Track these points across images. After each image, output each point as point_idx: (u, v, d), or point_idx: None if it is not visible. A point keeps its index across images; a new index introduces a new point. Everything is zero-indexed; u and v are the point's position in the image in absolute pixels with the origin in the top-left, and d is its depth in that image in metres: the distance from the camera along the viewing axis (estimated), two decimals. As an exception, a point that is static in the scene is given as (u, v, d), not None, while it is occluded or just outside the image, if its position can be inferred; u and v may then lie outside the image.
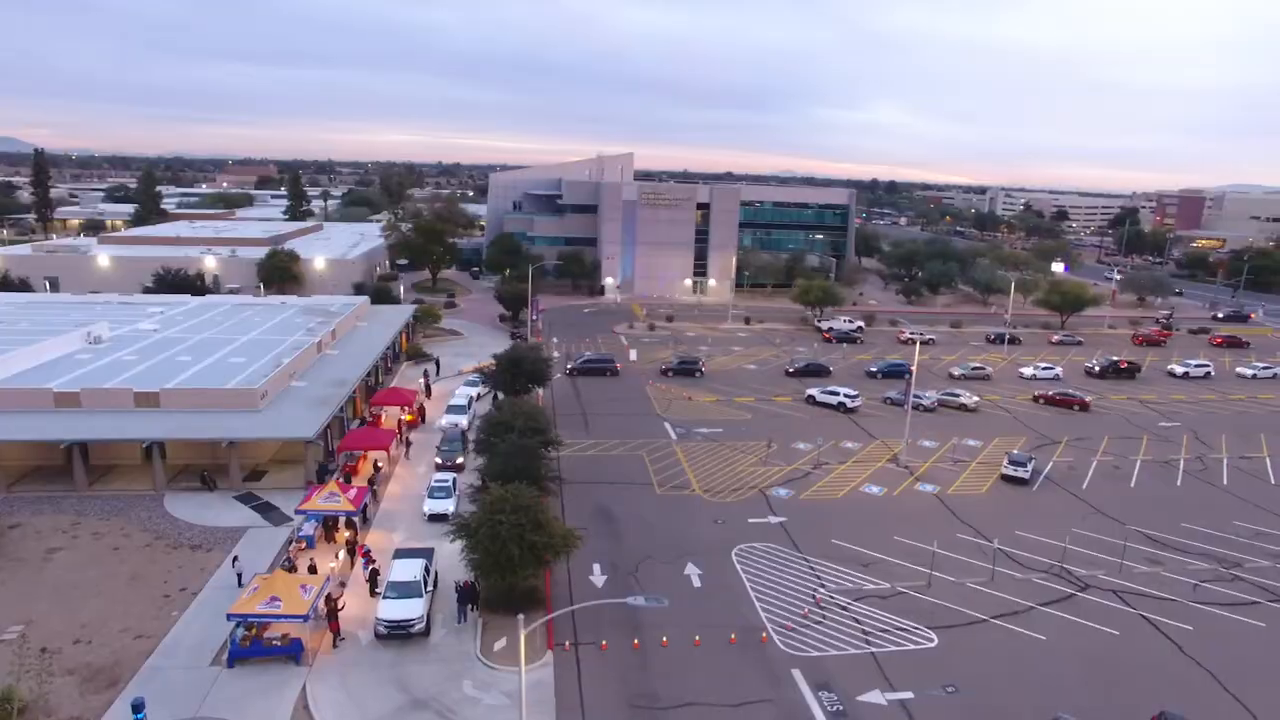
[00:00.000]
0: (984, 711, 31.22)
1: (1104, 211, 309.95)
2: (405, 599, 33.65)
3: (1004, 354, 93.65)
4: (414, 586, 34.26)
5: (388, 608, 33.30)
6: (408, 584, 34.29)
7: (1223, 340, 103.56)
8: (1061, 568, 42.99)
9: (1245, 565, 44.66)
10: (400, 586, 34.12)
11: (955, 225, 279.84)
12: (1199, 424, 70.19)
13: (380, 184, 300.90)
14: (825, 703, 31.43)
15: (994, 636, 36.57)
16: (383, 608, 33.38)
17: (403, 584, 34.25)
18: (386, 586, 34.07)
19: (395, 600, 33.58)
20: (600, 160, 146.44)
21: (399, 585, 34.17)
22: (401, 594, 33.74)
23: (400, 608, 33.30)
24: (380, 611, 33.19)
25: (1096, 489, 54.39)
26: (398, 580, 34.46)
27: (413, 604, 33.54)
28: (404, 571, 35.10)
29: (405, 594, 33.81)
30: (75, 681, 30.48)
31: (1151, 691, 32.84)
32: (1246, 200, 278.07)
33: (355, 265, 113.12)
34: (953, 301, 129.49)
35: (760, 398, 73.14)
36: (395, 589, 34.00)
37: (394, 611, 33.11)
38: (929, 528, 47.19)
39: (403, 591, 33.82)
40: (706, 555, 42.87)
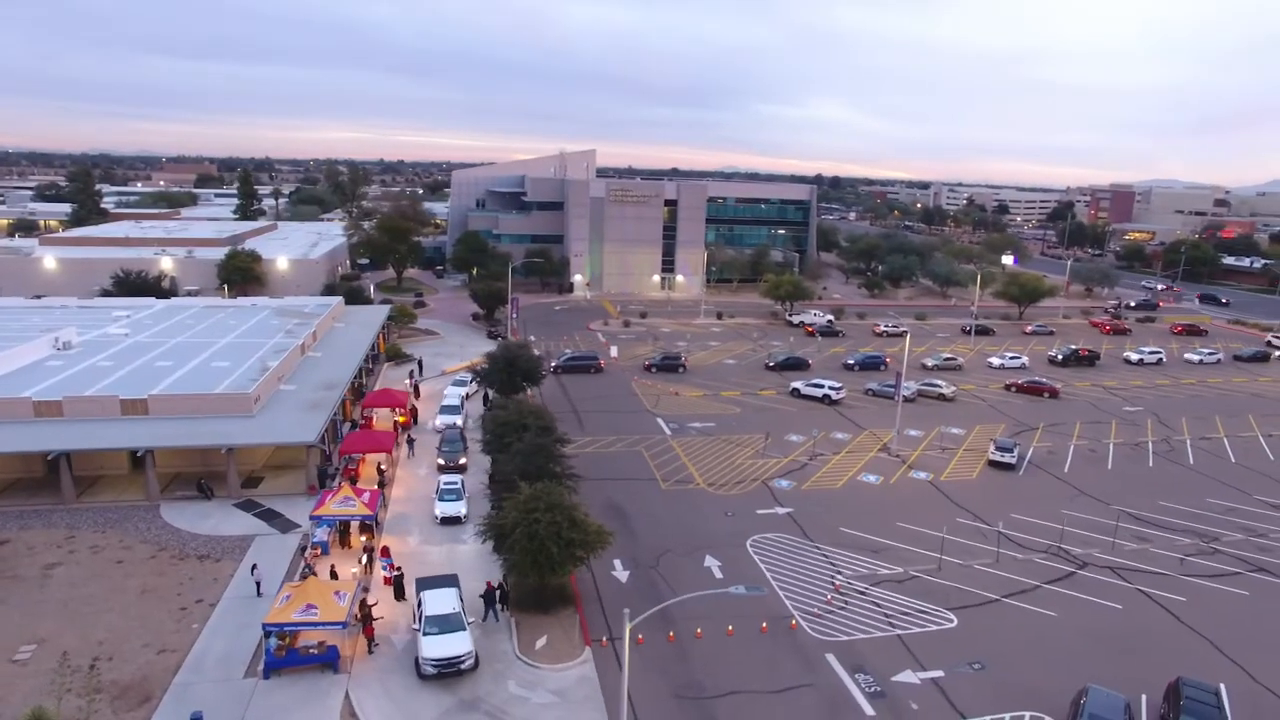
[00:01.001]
0: (1013, 687, 32.55)
1: (1041, 206, 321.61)
2: (449, 634, 31.36)
3: (970, 345, 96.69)
4: (455, 619, 32.06)
5: (433, 645, 30.88)
6: (447, 617, 31.99)
7: (1182, 328, 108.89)
8: (1060, 548, 44.90)
9: (1223, 539, 47.29)
10: (440, 621, 31.76)
11: (903, 220, 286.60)
12: (1159, 408, 73.77)
13: (327, 181, 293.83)
14: (863, 684, 32.34)
15: (1008, 615, 38.05)
16: (427, 645, 30.92)
17: (442, 618, 31.89)
18: (425, 622, 31.61)
19: (439, 636, 31.19)
20: (563, 157, 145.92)
21: (439, 620, 31.79)
22: (443, 628, 31.46)
23: (446, 644, 30.97)
24: (425, 650, 30.75)
25: (1078, 472, 56.82)
26: (436, 614, 32.01)
27: (458, 638, 31.35)
28: (439, 604, 32.65)
29: (447, 628, 31.55)
30: (105, 700, 29.44)
31: (1161, 660, 34.68)
32: (1170, 195, 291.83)
33: (319, 265, 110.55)
34: (914, 294, 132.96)
35: (745, 391, 74.13)
36: (435, 624, 31.63)
37: (440, 649, 30.82)
38: (929, 513, 48.72)
39: (444, 626, 31.54)
40: (723, 547, 43.48)
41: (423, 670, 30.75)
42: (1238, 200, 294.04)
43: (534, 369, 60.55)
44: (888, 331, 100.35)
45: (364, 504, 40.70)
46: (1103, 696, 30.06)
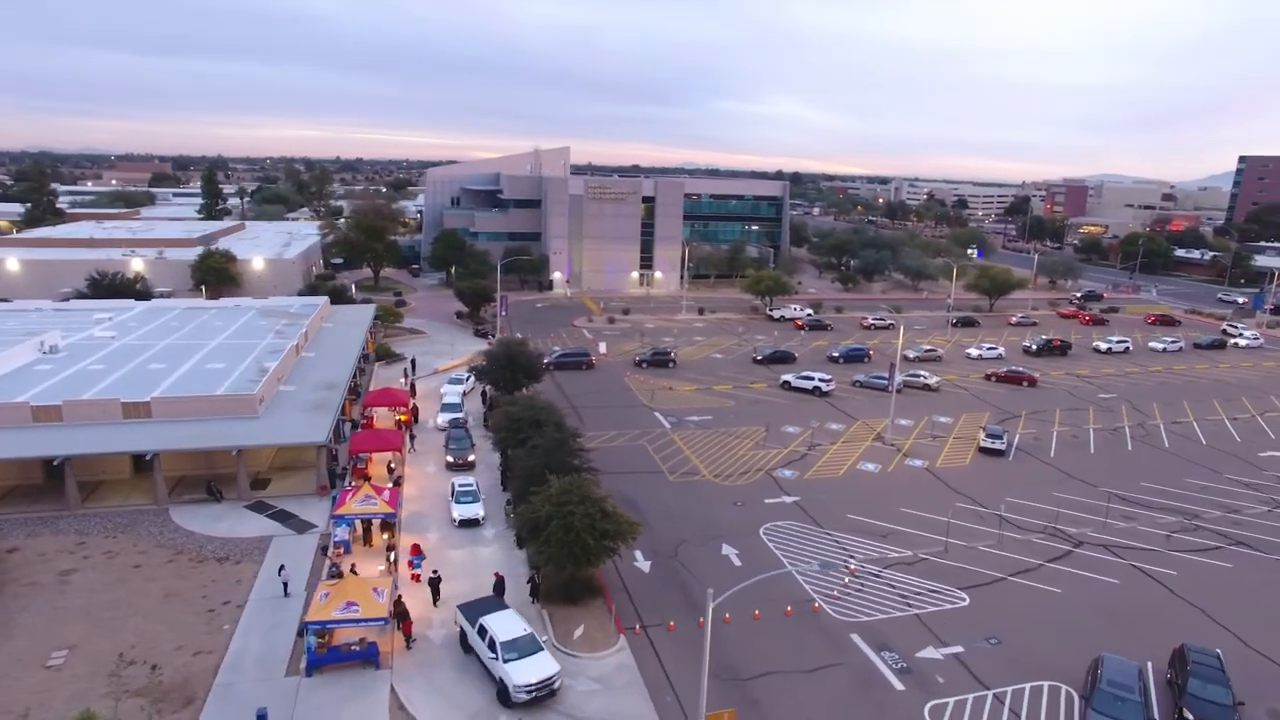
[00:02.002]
0: (1030, 659, 34.19)
1: (999, 201, 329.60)
2: (531, 656, 30.67)
3: (948, 336, 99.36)
4: (531, 640, 31.29)
5: (522, 671, 29.91)
6: (522, 640, 31.11)
7: (1155, 319, 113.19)
8: (1055, 528, 46.92)
9: (1203, 516, 49.84)
10: (516, 645, 30.79)
11: (867, 215, 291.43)
12: (1131, 394, 76.90)
13: (287, 180, 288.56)
14: (889, 661, 33.69)
15: (1016, 592, 39.79)
16: (515, 672, 29.84)
17: (517, 641, 30.95)
18: (502, 649, 30.51)
19: (522, 661, 30.31)
20: (538, 154, 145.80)
21: (515, 644, 30.79)
22: (523, 652, 30.65)
23: (534, 667, 30.17)
24: (515, 678, 29.66)
25: (1063, 456, 59.17)
26: (510, 639, 30.93)
27: (542, 659, 30.73)
28: (508, 628, 31.52)
29: (528, 650, 30.82)
30: (147, 703, 29.34)
31: (1162, 629, 36.68)
32: (1121, 190, 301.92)
33: (295, 265, 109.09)
34: (887, 288, 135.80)
35: (737, 385, 75.38)
36: (513, 649, 30.62)
37: (531, 673, 29.90)
38: (929, 499, 50.45)
39: (523, 649, 30.74)
40: (737, 536, 44.58)
41: (514, 698, 29.57)
42: (1182, 194, 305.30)
43: (535, 366, 60.96)
44: (875, 324, 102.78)
45: (385, 502, 40.88)
46: (1117, 664, 31.82)
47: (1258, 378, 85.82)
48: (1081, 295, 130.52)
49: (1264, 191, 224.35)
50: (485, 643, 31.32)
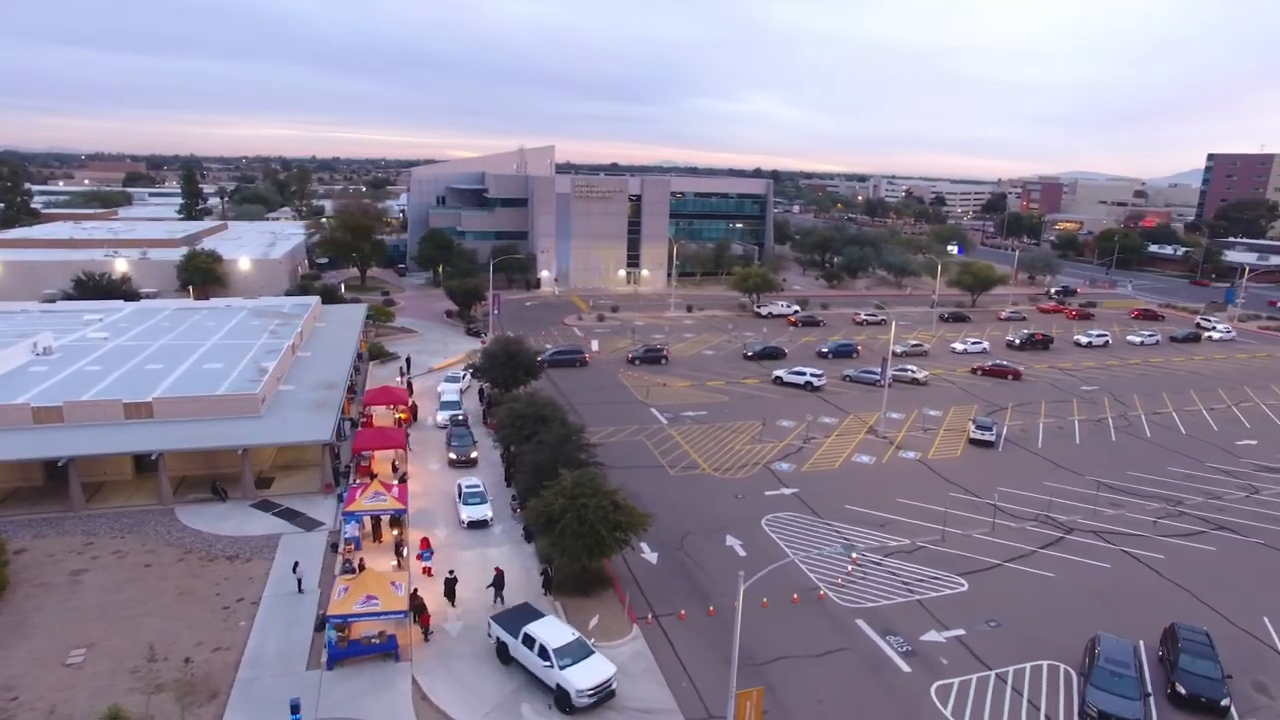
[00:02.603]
0: (1030, 640, 35.46)
1: (976, 198, 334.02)
2: (586, 660, 30.69)
3: (933, 331, 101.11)
4: (581, 645, 31.38)
5: (580, 676, 29.91)
6: (573, 644, 31.10)
7: (1139, 313, 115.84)
8: (1047, 516, 48.37)
9: (1186, 502, 51.56)
10: (569, 650, 30.74)
11: (847, 213, 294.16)
12: (1112, 387, 78.93)
13: (265, 180, 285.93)
14: (895, 645, 34.78)
15: (1012, 578, 41.08)
16: (574, 678, 29.81)
17: (569, 646, 30.90)
18: (556, 655, 30.35)
19: (578, 665, 30.30)
20: (523, 153, 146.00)
21: (567, 650, 30.73)
22: (577, 656, 30.63)
23: (591, 671, 30.21)
24: (576, 683, 29.62)
25: (1051, 447, 60.80)
26: (561, 645, 30.82)
27: (597, 662, 30.82)
28: (556, 634, 31.48)
29: (581, 655, 30.82)
30: (172, 698, 29.64)
31: (1153, 610, 38.12)
32: (1094, 187, 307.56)
33: (281, 265, 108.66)
34: (870, 284, 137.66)
35: (729, 381, 76.39)
36: (566, 654, 30.55)
37: (590, 677, 29.97)
38: (924, 489, 51.74)
39: (576, 654, 30.72)
40: (740, 527, 45.53)
41: (576, 703, 29.48)
42: (1153, 191, 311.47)
43: (534, 363, 61.54)
44: (868, 320, 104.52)
45: (394, 498, 41.34)
46: (1113, 642, 33.15)
47: (1232, 369, 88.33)
48: (1058, 290, 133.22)
49: (1231, 188, 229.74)
50: (534, 652, 30.89)
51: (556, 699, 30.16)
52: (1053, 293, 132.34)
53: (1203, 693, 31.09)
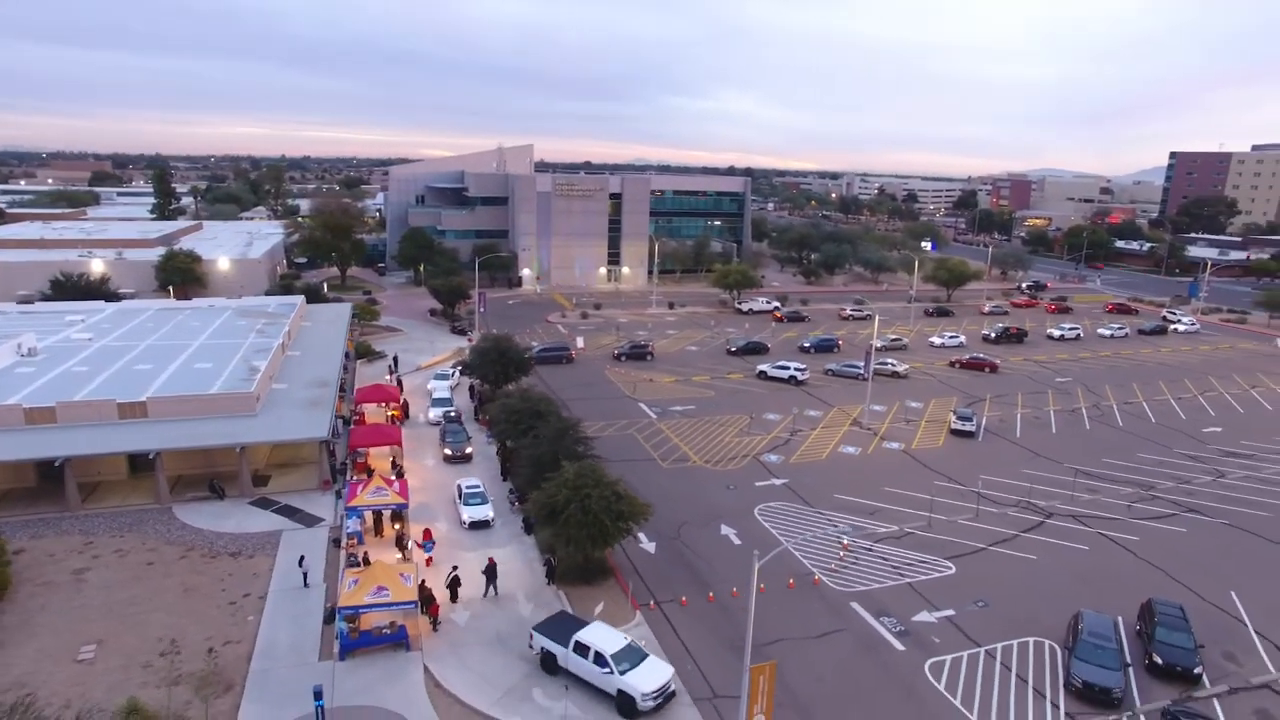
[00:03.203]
0: (1016, 618, 37.03)
1: (947, 195, 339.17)
2: (644, 663, 30.81)
3: (910, 326, 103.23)
4: (635, 649, 31.48)
5: (642, 679, 30.03)
6: (628, 650, 31.14)
7: (1114, 307, 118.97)
8: (1028, 502, 50.15)
9: (1157, 487, 53.66)
10: (625, 655, 30.79)
11: (821, 210, 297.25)
12: (1085, 378, 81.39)
13: (235, 178, 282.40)
14: (889, 626, 36.16)
15: (996, 561, 42.70)
16: (638, 680, 29.92)
17: (624, 652, 30.93)
18: (614, 661, 30.36)
19: (638, 669, 30.40)
20: (502, 152, 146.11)
21: (623, 655, 30.79)
22: (634, 660, 30.73)
23: (651, 674, 30.32)
24: (641, 685, 29.72)
25: (1029, 436, 62.78)
26: (617, 650, 30.82)
27: (655, 664, 30.98)
28: (609, 640, 31.35)
29: (638, 659, 30.96)
30: (187, 691, 30.09)
31: (1129, 588, 39.92)
32: (1062, 184, 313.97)
33: (261, 265, 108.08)
34: (848, 280, 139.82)
35: (714, 376, 77.61)
36: (624, 659, 30.60)
37: (652, 680, 30.06)
38: (909, 478, 53.32)
39: (633, 658, 30.80)
40: (734, 517, 46.70)
41: (641, 706, 29.46)
42: (1118, 188, 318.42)
43: (525, 360, 62.24)
44: (853, 315, 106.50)
45: (396, 493, 41.91)
46: (1094, 618, 34.81)
47: (1197, 360, 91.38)
48: (1029, 285, 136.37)
49: (1193, 185, 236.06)
50: (590, 659, 30.73)
51: (619, 705, 29.87)
52: (1024, 288, 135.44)
53: (1178, 662, 32.85)
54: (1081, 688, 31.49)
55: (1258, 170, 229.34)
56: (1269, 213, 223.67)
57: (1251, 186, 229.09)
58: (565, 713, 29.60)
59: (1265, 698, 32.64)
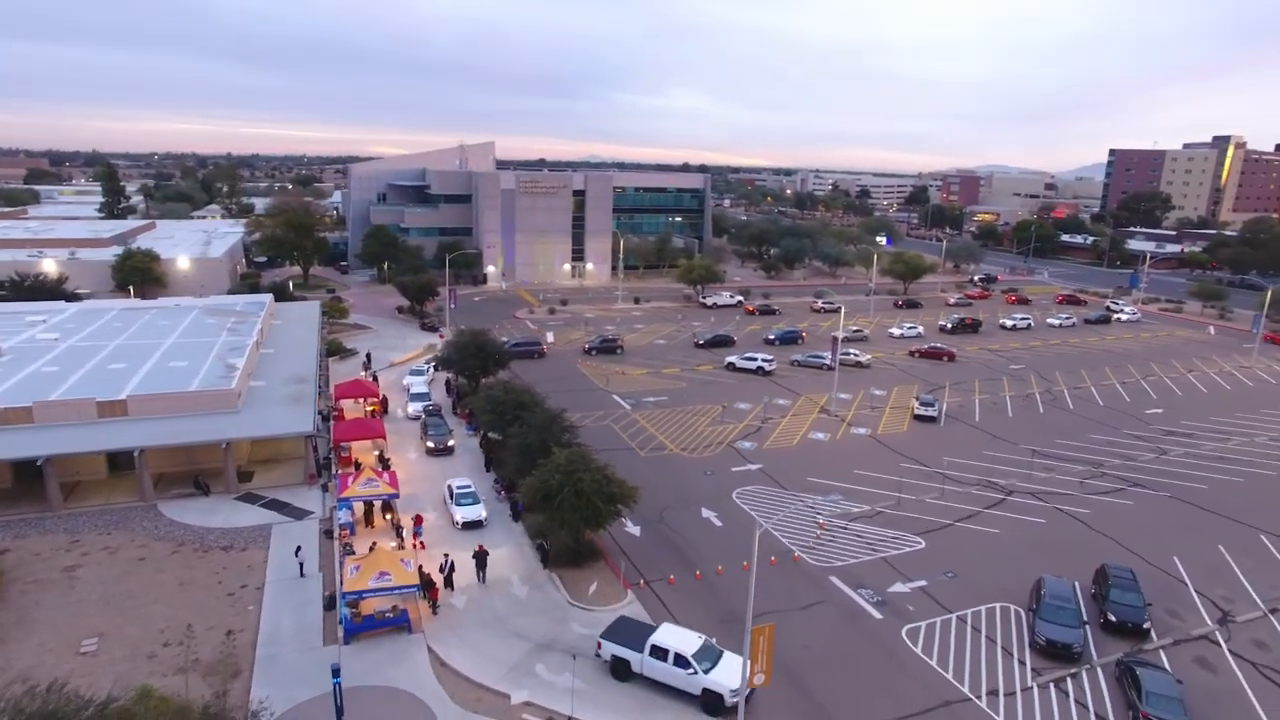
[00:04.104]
0: (983, 587, 39.56)
1: (899, 190, 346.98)
2: (722, 660, 31.39)
3: (870, 318, 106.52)
4: (712, 647, 31.94)
5: (729, 676, 30.41)
6: (706, 648, 31.62)
7: (1063, 298, 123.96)
8: (989, 481, 53.02)
9: (1106, 465, 57.08)
10: (707, 654, 31.27)
11: (776, 206, 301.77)
12: (1037, 365, 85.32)
13: (183, 177, 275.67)
14: (867, 597, 38.37)
15: (962, 535, 45.29)
16: (726, 678, 30.30)
17: (705, 650, 31.38)
18: (696, 660, 30.64)
19: (719, 666, 30.90)
20: (464, 149, 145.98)
21: (705, 653, 31.21)
22: (714, 660, 31.24)
23: (734, 671, 30.59)
24: (730, 683, 30.08)
25: (987, 421, 65.95)
26: (699, 650, 31.19)
27: (732, 661, 31.30)
28: (688, 641, 31.64)
29: (716, 657, 31.49)
30: (196, 678, 30.73)
31: (1084, 555, 42.82)
32: (1008, 180, 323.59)
33: (222, 264, 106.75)
34: (807, 275, 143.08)
35: (684, 368, 79.46)
36: (706, 658, 30.98)
37: (736, 676, 30.19)
38: (877, 461, 55.83)
39: (713, 657, 31.36)
40: (714, 501, 48.55)
41: (729, 703, 29.83)
42: (1062, 184, 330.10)
43: (503, 354, 63.25)
44: (824, 308, 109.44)
45: (387, 484, 42.76)
46: (1055, 582, 37.53)
47: (1139, 347, 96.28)
48: (981, 278, 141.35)
49: (1131, 181, 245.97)
50: (670, 661, 30.77)
51: (705, 704, 30.12)
52: (975, 280, 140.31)
53: (1129, 619, 35.75)
54: (1045, 645, 34.08)
55: (1189, 167, 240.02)
56: (1200, 208, 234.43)
57: (1184, 183, 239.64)
58: (571, 685, 30.99)
59: (1204, 647, 35.75)
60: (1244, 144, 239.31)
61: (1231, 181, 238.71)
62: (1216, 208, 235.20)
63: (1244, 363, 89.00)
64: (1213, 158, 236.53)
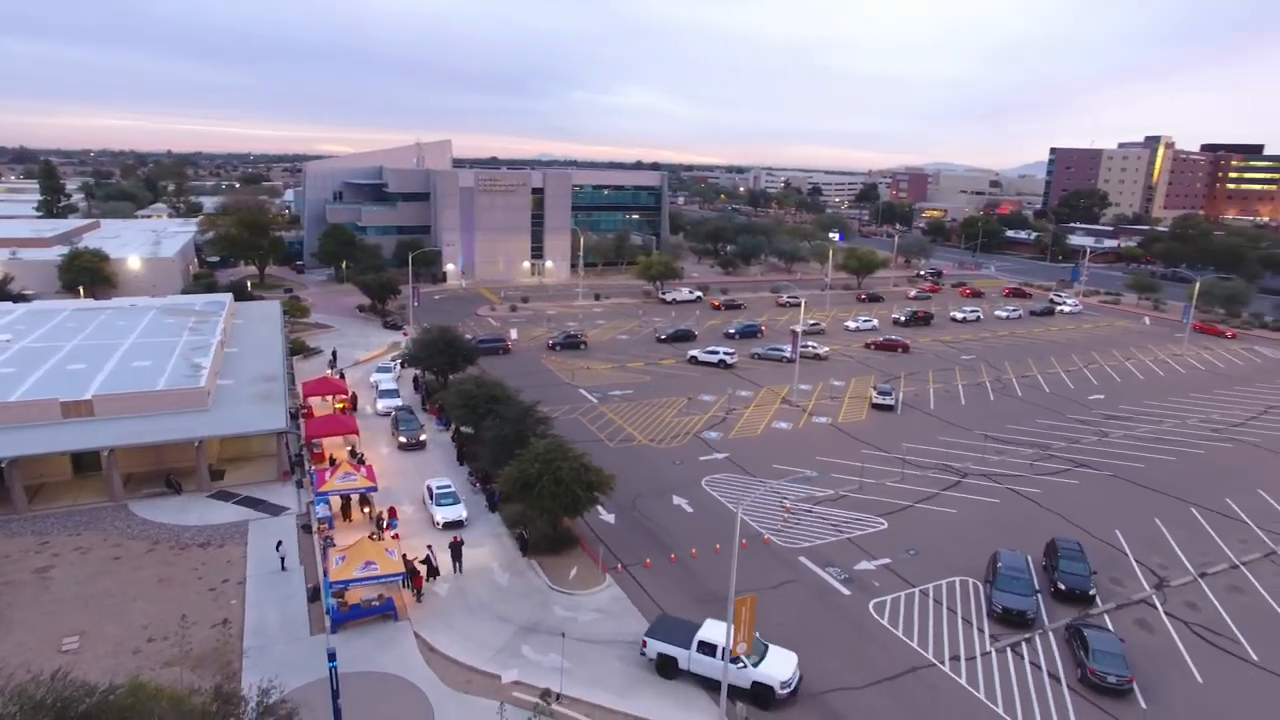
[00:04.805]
0: (943, 562, 41.77)
1: (850, 187, 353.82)
2: (770, 654, 31.74)
3: (827, 311, 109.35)
4: (759, 643, 31.96)
5: (778, 669, 30.94)
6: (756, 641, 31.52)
7: (1010, 291, 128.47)
8: (945, 464, 55.54)
9: (1053, 448, 60.13)
10: (755, 647, 31.32)
11: (730, 203, 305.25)
12: (987, 355, 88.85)
13: (125, 175, 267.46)
14: (834, 575, 40.24)
15: (922, 516, 47.56)
16: (776, 670, 30.78)
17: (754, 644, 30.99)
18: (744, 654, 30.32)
19: (767, 660, 31.23)
20: (420, 147, 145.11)
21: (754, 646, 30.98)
22: (761, 654, 31.56)
23: (782, 664, 31.26)
24: (779, 675, 30.66)
25: (941, 408, 68.74)
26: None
27: (780, 655, 31.87)
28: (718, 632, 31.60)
29: (763, 652, 31.75)
30: (184, 672, 30.97)
31: (1035, 531, 45.42)
32: (955, 177, 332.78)
33: (174, 264, 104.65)
34: (763, 270, 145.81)
35: (648, 362, 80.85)
36: (754, 651, 31.12)
37: (785, 669, 30.97)
38: (839, 448, 57.97)
39: (760, 651, 31.62)
40: (684, 488, 50.03)
41: (779, 695, 30.32)
42: (1005, 181, 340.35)
43: (472, 350, 63.83)
44: (789, 302, 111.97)
45: (365, 477, 43.23)
46: (1009, 555, 39.90)
47: (1081, 337, 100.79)
48: (930, 273, 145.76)
49: (1070, 179, 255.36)
50: (718, 657, 30.78)
51: (755, 697, 30.51)
52: (925, 274, 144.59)
53: (1077, 587, 38.33)
54: (1001, 613, 36.35)
55: (1124, 166, 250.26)
56: (1134, 204, 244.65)
57: (1120, 181, 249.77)
58: (560, 665, 32.06)
59: (1143, 610, 38.52)
60: (1173, 144, 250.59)
61: (1162, 180, 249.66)
62: (1149, 205, 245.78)
63: (1176, 350, 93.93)
64: (1145, 157, 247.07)
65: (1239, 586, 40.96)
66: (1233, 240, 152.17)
